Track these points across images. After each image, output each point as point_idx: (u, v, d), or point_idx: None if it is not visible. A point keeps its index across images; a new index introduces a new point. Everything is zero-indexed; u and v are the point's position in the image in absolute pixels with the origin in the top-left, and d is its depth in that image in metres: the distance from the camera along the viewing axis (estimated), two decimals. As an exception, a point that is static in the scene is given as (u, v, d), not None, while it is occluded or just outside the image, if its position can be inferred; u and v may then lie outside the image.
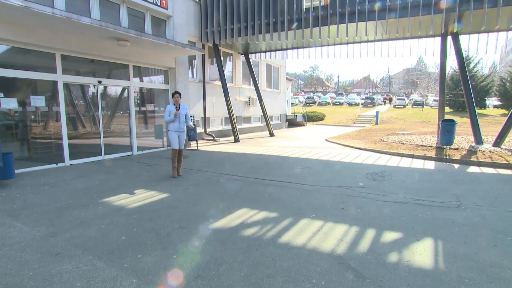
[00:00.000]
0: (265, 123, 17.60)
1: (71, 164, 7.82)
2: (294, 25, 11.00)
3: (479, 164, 7.77)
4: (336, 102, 43.63)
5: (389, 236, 3.54)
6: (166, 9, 10.32)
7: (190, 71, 13.03)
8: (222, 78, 13.26)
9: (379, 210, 4.45)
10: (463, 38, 12.15)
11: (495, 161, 7.69)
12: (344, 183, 6.00)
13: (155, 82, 10.52)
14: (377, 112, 25.49)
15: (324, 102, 43.79)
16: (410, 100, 43.21)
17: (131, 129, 9.52)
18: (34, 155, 7.40)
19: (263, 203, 4.79)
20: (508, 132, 9.56)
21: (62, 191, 5.42)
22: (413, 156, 8.92)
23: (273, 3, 11.22)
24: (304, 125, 24.25)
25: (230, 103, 13.34)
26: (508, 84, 28.43)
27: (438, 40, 11.19)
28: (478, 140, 10.12)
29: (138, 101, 9.82)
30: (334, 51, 13.34)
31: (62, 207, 4.59)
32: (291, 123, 23.46)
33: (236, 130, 13.33)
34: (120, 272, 2.81)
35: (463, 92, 10.47)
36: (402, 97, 42.53)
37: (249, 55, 15.80)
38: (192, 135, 10.74)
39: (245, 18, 11.78)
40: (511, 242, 3.40)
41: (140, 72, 9.86)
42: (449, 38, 10.74)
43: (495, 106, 33.16)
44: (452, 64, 42.22)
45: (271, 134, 15.98)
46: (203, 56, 13.06)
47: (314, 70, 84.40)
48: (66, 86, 7.81)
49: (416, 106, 36.38)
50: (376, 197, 5.08)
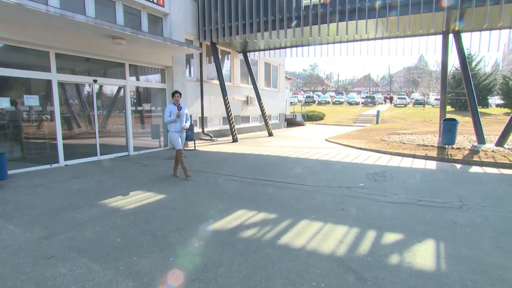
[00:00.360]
0: (263, 123, 17.60)
1: (65, 165, 7.79)
2: (294, 23, 10.99)
3: (481, 164, 7.78)
4: (336, 101, 43.66)
5: (390, 237, 3.54)
6: (163, 6, 10.30)
7: (188, 70, 13.02)
8: (220, 77, 13.25)
9: (380, 211, 4.44)
10: (465, 36, 12.16)
11: (498, 161, 7.70)
12: (344, 183, 6.00)
13: (151, 81, 10.50)
14: (378, 112, 25.54)
15: (324, 101, 43.80)
16: (411, 99, 43.27)
17: (127, 129, 9.50)
18: (28, 155, 7.37)
19: (262, 204, 4.78)
20: (511, 131, 9.58)
21: (56, 192, 5.40)
22: (414, 156, 8.93)
23: (272, 0, 11.22)
24: (303, 125, 24.24)
25: (228, 102, 13.33)
26: (511, 82, 28.50)
27: (439, 38, 11.19)
28: (481, 139, 10.14)
29: (135, 101, 9.80)
30: (334, 50, 13.34)
31: (56, 208, 4.57)
32: (290, 122, 23.46)
33: (235, 129, 13.31)
34: (116, 275, 2.80)
35: (465, 90, 10.49)
36: (403, 96, 42.60)
37: (248, 53, 15.80)
38: (189, 135, 10.71)
39: (243, 16, 11.77)
40: (514, 243, 3.40)
41: (137, 71, 9.84)
42: (451, 36, 10.77)
43: (497, 105, 33.26)
44: (454, 62, 42.37)
45: (270, 134, 15.98)
46: (201, 54, 13.05)
47: (314, 69, 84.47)
48: (61, 85, 7.78)
49: (417, 105, 36.44)
50: (376, 197, 5.08)
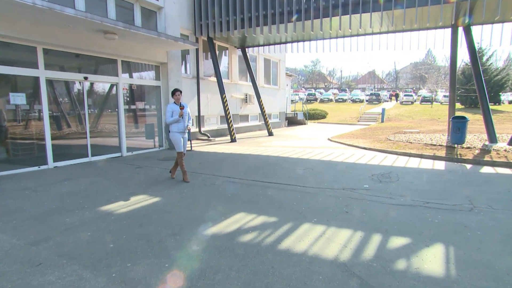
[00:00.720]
0: (263, 122, 17.60)
1: (55, 167, 7.78)
2: (294, 17, 10.99)
3: (493, 164, 7.79)
4: (339, 99, 43.74)
5: (397, 241, 3.54)
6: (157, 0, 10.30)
7: (183, 66, 13.01)
8: (217, 73, 13.24)
9: (385, 213, 4.44)
10: (475, 29, 12.22)
11: (511, 161, 7.70)
12: (348, 185, 6.00)
13: (145, 78, 10.48)
14: (383, 109, 25.57)
15: (326, 99, 43.89)
16: (418, 96, 43.35)
17: (120, 129, 9.49)
18: (14, 157, 7.35)
19: (261, 206, 4.78)
20: (524, 129, 9.59)
21: (45, 196, 5.38)
22: (421, 156, 8.94)
23: (272, -7, 11.22)
24: (305, 124, 24.27)
25: (226, 100, 13.32)
26: (525, 78, 28.47)
27: (448, 31, 11.19)
28: (492, 138, 10.14)
29: (128, 99, 9.79)
30: (336, 45, 13.34)
31: (44, 213, 4.56)
32: (291, 121, 23.48)
33: (233, 129, 13.31)
34: (108, 282, 2.79)
35: (476, 87, 10.50)
36: (410, 93, 42.64)
37: (246, 49, 15.80)
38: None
39: (241, 10, 11.77)
40: (527, 247, 3.40)
41: (130, 67, 9.83)
42: (460, 29, 10.76)
43: (510, 102, 33.25)
44: (463, 57, 42.43)
45: (270, 133, 15.98)
46: (197, 50, 13.04)
47: (316, 65, 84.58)
48: (49, 82, 7.76)
49: (425, 103, 36.49)
50: (382, 200, 5.08)
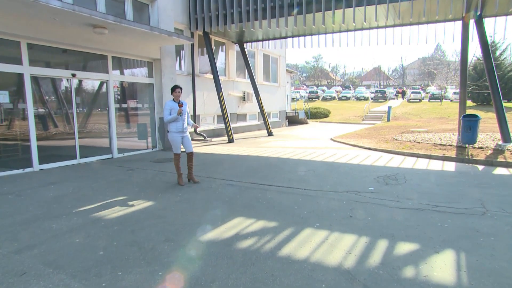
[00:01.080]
0: (262, 121, 17.60)
1: (40, 169, 7.75)
2: (295, 10, 10.99)
3: (507, 165, 7.79)
4: (343, 96, 43.80)
5: (404, 247, 3.53)
6: (149, -8, 10.29)
7: (178, 62, 13.00)
8: (214, 70, 13.24)
9: (392, 218, 4.43)
10: (487, 22, 12.20)
11: (523, 162, 7.72)
12: (352, 187, 6.00)
13: (137, 75, 10.47)
14: (389, 108, 25.60)
15: (329, 97, 43.95)
16: (427, 93, 43.38)
17: (111, 129, 9.47)
18: (-1, 159, 7.33)
19: (261, 211, 4.77)
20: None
21: (29, 200, 5.36)
22: (430, 157, 8.94)
23: (271, -16, 11.22)
24: (306, 123, 24.29)
25: (223, 98, 13.32)
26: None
27: (458, 24, 11.18)
28: (506, 137, 10.13)
29: (119, 97, 9.77)
30: (340, 39, 13.39)
31: (29, 218, 4.53)
32: (292, 120, 23.50)
33: (230, 129, 13.31)
34: (97, 292, 2.77)
35: (488, 83, 10.48)
36: (418, 90, 42.73)
37: (244, 44, 15.80)
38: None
39: (239, 3, 11.76)
40: (542, 252, 3.40)
41: (121, 63, 9.82)
42: (472, 21, 10.74)
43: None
44: (475, 51, 42.32)
45: (270, 133, 15.98)
46: (192, 45, 13.03)
47: (318, 61, 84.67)
48: (35, 79, 7.74)
49: (434, 100, 36.54)
50: (388, 203, 5.07)
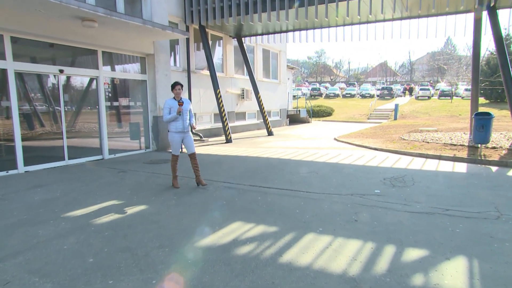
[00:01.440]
0: (262, 120, 17.60)
1: (26, 171, 7.74)
2: (296, 3, 11.00)
3: (520, 166, 7.81)
4: (347, 94, 43.87)
5: (413, 254, 3.53)
6: (142, -17, 10.29)
7: (172, 58, 12.99)
8: (210, 66, 13.23)
9: (399, 222, 4.43)
10: (502, 13, 12.13)
11: (539, 162, 7.72)
12: (357, 190, 6.00)
13: (129, 71, 10.45)
14: (396, 105, 25.64)
15: (333, 94, 44.00)
16: (436, 90, 43.46)
17: (101, 128, 9.46)
18: (-18, 160, 7.32)
19: (260, 215, 4.77)
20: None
21: (14, 205, 5.34)
22: (440, 157, 8.95)
23: (271, -25, 11.22)
24: (308, 122, 24.33)
25: (221, 96, 13.31)
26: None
27: (470, 16, 11.14)
28: (522, 137, 10.12)
29: (110, 95, 9.76)
30: (344, 33, 13.35)
31: (13, 224, 4.52)
32: (293, 119, 23.52)
33: (228, 128, 13.30)
34: (86, 302, 2.76)
35: (502, 78, 10.45)
36: (427, 87, 42.75)
37: (243, 38, 15.78)
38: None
39: (237, -6, 11.76)
40: (559, 258, 3.39)
41: (112, 59, 9.80)
42: (485, 13, 10.72)
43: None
44: (488, 45, 42.32)
45: (270, 133, 15.98)
46: (188, 40, 13.03)
47: (320, 56, 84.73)
48: (19, 75, 7.72)
49: (444, 97, 36.63)
50: (395, 206, 5.07)
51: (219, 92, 13.26)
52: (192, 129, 6.34)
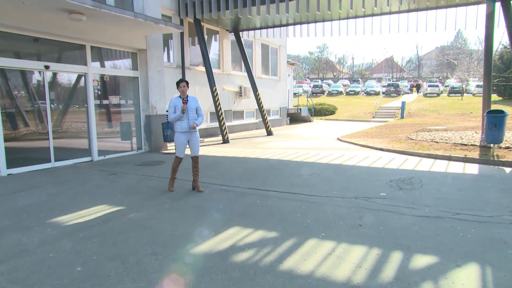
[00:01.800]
0: (261, 119, 17.60)
1: (8, 174, 7.71)
2: (297, -6, 11.01)
3: (535, 167, 7.83)
4: (351, 91, 44.00)
5: (421, 260, 3.52)
6: (133, -27, 10.28)
7: (166, 53, 12.99)
8: (206, 62, 13.23)
9: (407, 227, 4.43)
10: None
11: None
12: (362, 193, 6.00)
13: (120, 67, 10.44)
14: (403, 103, 25.68)
15: (335, 92, 44.11)
16: (446, 86, 43.56)
17: (90, 128, 9.44)
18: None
19: (259, 219, 4.77)
20: None
21: (-2, 209, 5.33)
22: (450, 158, 8.96)
23: (270, -35, 11.23)
24: (310, 121, 24.38)
25: (217, 94, 13.31)
26: None
27: (482, 8, 11.14)
28: (537, 136, 10.12)
29: (99, 92, 9.75)
30: (347, 27, 13.42)
31: (-2, 229, 4.51)
32: (294, 118, 23.54)
33: (225, 128, 13.31)
34: (73, 313, 2.75)
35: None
36: (435, 83, 42.81)
37: (241, 33, 15.80)
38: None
39: (234, -15, 11.77)
40: None
41: (101, 54, 9.79)
42: (498, 4, 10.72)
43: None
44: (501, 38, 42.27)
45: (269, 133, 16.00)
46: (182, 34, 13.02)
47: (323, 52, 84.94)
48: (1, 72, 7.70)
49: (454, 94, 36.71)
50: (403, 210, 5.08)
51: (216, 89, 13.26)
52: (192, 128, 6.18)
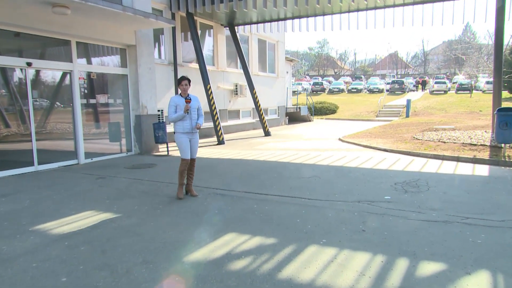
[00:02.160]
0: (258, 119, 17.59)
1: (-9, 179, 7.68)
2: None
3: (548, 168, 7.86)
4: (353, 88, 44.07)
5: (428, 268, 3.52)
6: (121, -35, 10.26)
7: (157, 50, 12.98)
8: (199, 59, 13.23)
9: (413, 232, 4.44)
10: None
11: None
12: (365, 196, 6.01)
13: (108, 64, 10.42)
14: (408, 101, 25.73)
15: (337, 89, 44.17)
16: (453, 83, 43.69)
17: (76, 129, 9.40)
18: None
19: (257, 225, 4.77)
20: None
21: (-22, 216, 5.29)
22: (458, 159, 8.99)
23: (267, -44, 11.25)
24: (310, 121, 24.42)
25: (211, 92, 13.30)
26: None
27: (492, 0, 11.18)
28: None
29: (86, 91, 9.72)
30: (349, 21, 13.40)
31: (-23, 238, 4.48)
32: (293, 118, 23.57)
33: (220, 128, 13.30)
34: (58, 326, 2.73)
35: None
36: (442, 80, 42.98)
37: (236, 27, 15.80)
38: (160, 136, 10.66)
39: (229, -23, 11.77)
40: None
41: (88, 51, 9.77)
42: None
43: None
44: (512, 32, 42.39)
45: (267, 133, 16.00)
46: (174, 29, 13.02)
47: (323, 47, 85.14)
48: (-18, 70, 7.68)
49: (462, 91, 36.80)
50: (408, 214, 5.08)
51: (210, 87, 13.25)
52: (197, 128, 6.11)
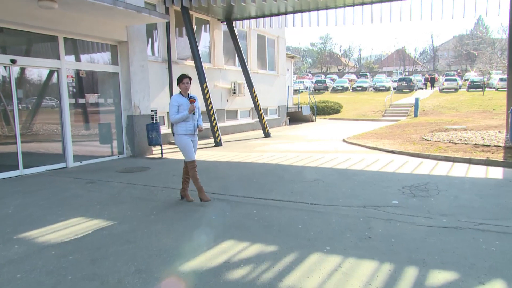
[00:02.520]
0: (257, 119, 17.60)
1: (-26, 183, 7.67)
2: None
3: None
4: (358, 87, 44.11)
5: (439, 277, 3.52)
6: (112, -44, 10.27)
7: (150, 46, 12.98)
8: (195, 56, 13.24)
9: (422, 239, 4.43)
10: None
11: None
12: (371, 201, 6.00)
13: (98, 62, 10.43)
14: (417, 100, 25.75)
15: (341, 88, 44.23)
16: (465, 80, 43.74)
17: (64, 131, 9.40)
18: None
19: (256, 231, 4.77)
20: None
21: (-40, 223, 5.28)
22: (470, 161, 8.98)
23: None
24: (312, 121, 24.43)
25: (208, 91, 13.30)
26: None
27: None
28: None
29: (74, 90, 9.73)
30: (353, 15, 13.43)
31: (-41, 246, 4.46)
32: (294, 118, 23.57)
33: (217, 129, 13.29)
34: None
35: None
36: (453, 77, 43.05)
37: (234, 22, 15.81)
38: (154, 137, 10.66)
39: (226, -31, 11.79)
40: None
41: (76, 47, 9.77)
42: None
43: None
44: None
45: (267, 134, 16.00)
46: (168, 24, 13.03)
47: (326, 43, 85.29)
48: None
49: (474, 89, 36.86)
50: (417, 220, 5.07)
51: (206, 86, 13.25)
52: (199, 130, 6.13)
